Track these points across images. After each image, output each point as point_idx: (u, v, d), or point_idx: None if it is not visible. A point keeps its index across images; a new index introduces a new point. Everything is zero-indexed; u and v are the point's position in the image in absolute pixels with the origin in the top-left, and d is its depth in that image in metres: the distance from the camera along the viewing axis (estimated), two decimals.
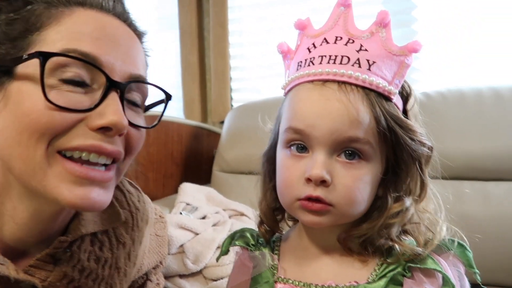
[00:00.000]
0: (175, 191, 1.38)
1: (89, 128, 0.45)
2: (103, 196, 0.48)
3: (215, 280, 0.97)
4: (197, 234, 1.06)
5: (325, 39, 0.46)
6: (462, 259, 0.47)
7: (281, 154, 0.48)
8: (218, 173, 1.43)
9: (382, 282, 0.45)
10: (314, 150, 0.45)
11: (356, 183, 0.44)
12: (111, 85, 0.46)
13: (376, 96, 0.44)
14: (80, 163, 0.46)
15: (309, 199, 0.45)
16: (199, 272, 1.00)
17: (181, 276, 1.00)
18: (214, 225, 1.13)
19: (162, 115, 0.54)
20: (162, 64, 1.98)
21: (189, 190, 1.24)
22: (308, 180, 0.44)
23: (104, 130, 0.46)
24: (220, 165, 1.43)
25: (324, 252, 0.50)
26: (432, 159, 0.48)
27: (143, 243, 0.70)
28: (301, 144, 0.46)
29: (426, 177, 0.48)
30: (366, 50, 0.45)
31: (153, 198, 0.95)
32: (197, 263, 0.99)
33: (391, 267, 0.46)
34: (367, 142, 0.44)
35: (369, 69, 0.44)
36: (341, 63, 0.44)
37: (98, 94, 0.46)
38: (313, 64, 0.46)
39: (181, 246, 1.03)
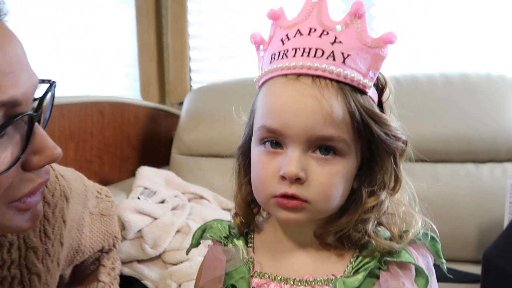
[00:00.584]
0: (132, 174, 1.35)
1: (28, 170, 0.42)
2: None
3: (175, 264, 0.96)
4: (155, 218, 1.04)
5: (298, 30, 0.45)
6: (432, 250, 0.49)
7: (256, 150, 0.47)
8: (176, 156, 1.41)
9: (360, 275, 0.46)
10: (289, 147, 0.44)
11: (331, 179, 0.44)
12: (33, 119, 0.41)
13: (350, 90, 0.44)
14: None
15: (285, 196, 0.44)
16: (158, 256, 0.99)
17: (140, 261, 0.98)
18: (173, 209, 1.11)
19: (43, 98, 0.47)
20: (117, 42, 1.89)
21: (146, 174, 1.21)
22: (283, 177, 0.43)
23: (42, 167, 0.43)
24: (179, 147, 1.41)
25: (300, 247, 0.49)
26: (406, 152, 0.48)
27: (72, 220, 0.67)
28: (275, 140, 0.45)
29: (400, 171, 0.48)
30: (340, 42, 0.43)
31: (109, 182, 0.93)
32: (156, 248, 0.98)
33: (366, 260, 0.47)
34: (341, 139, 0.43)
35: (343, 62, 0.43)
36: (315, 56, 0.43)
37: (17, 132, 0.41)
38: (286, 57, 0.45)
39: (139, 231, 1.01)
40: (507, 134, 1.16)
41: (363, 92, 0.44)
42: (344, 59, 0.43)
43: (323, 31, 0.44)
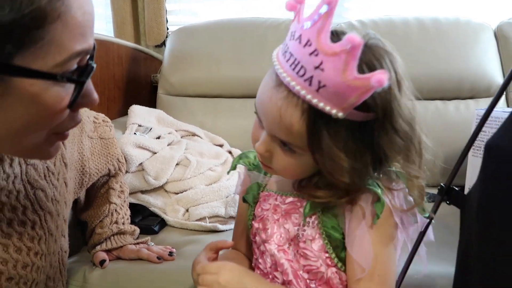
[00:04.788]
0: (119, 115, 1.36)
1: (73, 110, 0.47)
2: None
3: (177, 194, 1.03)
4: (154, 153, 1.09)
5: (300, 36, 0.45)
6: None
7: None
8: (164, 96, 1.42)
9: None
10: (265, 129, 0.52)
11: (289, 166, 0.52)
12: (92, 70, 0.47)
13: (318, 112, 0.46)
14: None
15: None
16: (161, 187, 1.05)
17: (143, 191, 1.04)
18: (169, 144, 1.16)
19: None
20: None
21: (139, 112, 1.23)
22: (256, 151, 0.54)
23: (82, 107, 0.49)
24: (165, 88, 1.42)
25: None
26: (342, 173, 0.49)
27: (72, 143, 0.72)
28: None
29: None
30: (322, 70, 0.43)
31: None
32: (159, 179, 1.03)
33: None
34: (297, 146, 0.49)
35: (317, 90, 0.44)
36: (297, 73, 0.45)
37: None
38: (284, 56, 0.47)
39: (140, 164, 1.05)
40: (471, 74, 1.29)
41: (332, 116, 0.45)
42: (319, 88, 0.44)
43: (315, 50, 0.43)
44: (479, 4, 1.47)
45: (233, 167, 0.66)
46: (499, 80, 1.30)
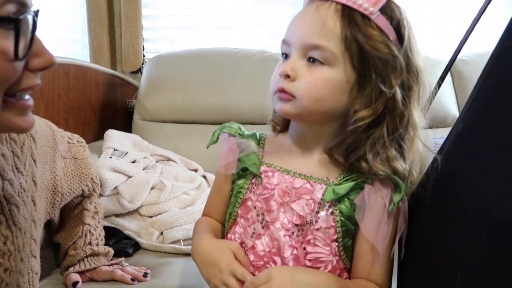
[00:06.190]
0: (94, 139, 1.37)
1: (30, 70, 0.47)
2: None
3: (152, 217, 1.05)
4: (130, 177, 1.11)
5: None
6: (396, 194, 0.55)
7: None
8: (139, 121, 1.45)
9: (347, 185, 0.55)
10: (291, 55, 0.55)
11: (315, 81, 0.53)
12: (36, 21, 0.47)
13: (353, 14, 0.53)
14: (22, 99, 0.49)
15: (279, 91, 0.55)
16: (135, 211, 1.07)
17: (117, 215, 1.05)
18: (144, 168, 1.18)
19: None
20: (66, 4, 1.82)
21: (115, 136, 1.25)
22: (280, 76, 0.55)
23: (41, 69, 0.49)
24: (141, 113, 1.45)
25: (304, 155, 0.59)
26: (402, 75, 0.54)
27: (43, 162, 0.72)
28: (286, 54, 0.57)
29: (397, 98, 0.54)
30: None
31: None
32: (133, 202, 1.05)
33: (355, 174, 0.56)
34: (328, 49, 0.53)
35: None
36: None
37: (24, 34, 0.46)
38: None
39: (115, 188, 1.07)
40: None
41: (367, 18, 0.53)
42: None
43: None
44: (435, 41, 1.60)
45: (215, 140, 0.62)
46: (455, 111, 1.41)
